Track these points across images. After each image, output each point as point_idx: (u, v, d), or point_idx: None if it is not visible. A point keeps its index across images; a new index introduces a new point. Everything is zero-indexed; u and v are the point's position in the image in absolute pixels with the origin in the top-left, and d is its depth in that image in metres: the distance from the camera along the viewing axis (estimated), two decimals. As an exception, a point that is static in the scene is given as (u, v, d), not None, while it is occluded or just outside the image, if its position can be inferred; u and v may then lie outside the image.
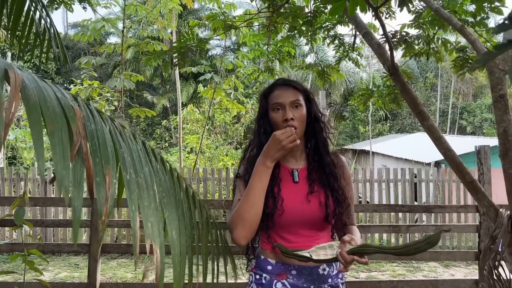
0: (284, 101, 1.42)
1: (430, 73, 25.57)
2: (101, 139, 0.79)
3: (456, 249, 6.60)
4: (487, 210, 1.85)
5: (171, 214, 0.93)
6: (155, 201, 0.87)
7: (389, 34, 3.40)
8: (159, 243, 0.81)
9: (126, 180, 0.80)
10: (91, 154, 0.74)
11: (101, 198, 0.71)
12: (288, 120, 1.39)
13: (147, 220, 0.81)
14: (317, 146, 1.48)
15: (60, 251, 3.26)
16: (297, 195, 1.41)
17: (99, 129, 0.81)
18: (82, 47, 23.05)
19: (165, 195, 0.94)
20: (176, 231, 0.92)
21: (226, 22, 3.77)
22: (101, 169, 0.73)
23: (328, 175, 1.44)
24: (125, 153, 0.85)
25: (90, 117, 0.83)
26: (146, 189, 0.85)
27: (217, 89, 6.79)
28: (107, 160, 0.76)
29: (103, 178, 0.73)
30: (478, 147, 3.20)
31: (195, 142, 9.61)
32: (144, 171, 0.89)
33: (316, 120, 1.49)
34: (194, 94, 19.35)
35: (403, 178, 6.87)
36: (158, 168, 0.98)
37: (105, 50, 6.51)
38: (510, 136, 1.78)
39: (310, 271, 1.39)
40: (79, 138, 0.73)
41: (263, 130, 1.47)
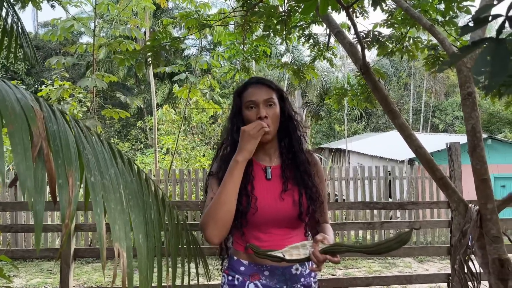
0: (257, 99, 1.42)
1: (404, 73, 26.11)
2: (64, 140, 0.76)
3: (429, 244, 6.75)
4: (457, 206, 1.89)
5: (137, 217, 0.91)
6: (121, 204, 0.84)
7: (362, 33, 3.45)
8: (125, 247, 0.79)
9: (90, 182, 0.77)
10: (53, 155, 0.71)
11: (64, 201, 0.68)
12: (262, 118, 1.40)
13: (114, 222, 0.79)
14: (291, 144, 1.48)
15: (31, 256, 3.16)
16: (270, 193, 1.40)
17: (61, 130, 0.78)
18: (53, 47, 22.50)
19: (131, 197, 0.92)
20: (143, 235, 0.90)
21: (200, 21, 3.73)
22: (64, 171, 0.71)
23: (302, 173, 1.45)
24: (89, 155, 0.83)
25: (52, 118, 0.80)
26: (113, 191, 0.83)
27: (192, 89, 6.73)
28: (70, 162, 0.73)
29: (65, 180, 0.70)
30: (449, 144, 3.27)
31: (171, 143, 9.50)
32: (110, 173, 0.87)
33: (289, 119, 1.50)
34: (169, 94, 19.15)
35: (377, 175, 6.98)
36: (125, 169, 0.95)
37: (76, 50, 6.35)
38: (478, 133, 1.82)
39: (283, 271, 1.38)
40: (39, 139, 0.70)
41: (236, 128, 1.46)
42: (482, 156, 1.80)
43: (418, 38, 3.50)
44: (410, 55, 3.61)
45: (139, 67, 3.95)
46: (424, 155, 1.93)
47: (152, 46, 3.50)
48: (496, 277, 1.73)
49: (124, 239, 0.79)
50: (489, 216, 1.76)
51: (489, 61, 0.66)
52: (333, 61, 4.46)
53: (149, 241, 0.92)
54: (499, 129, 20.81)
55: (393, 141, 13.59)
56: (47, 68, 19.63)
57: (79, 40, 22.40)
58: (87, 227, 3.35)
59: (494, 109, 21.23)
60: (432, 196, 6.92)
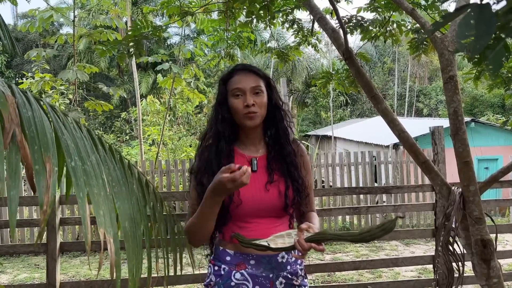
0: (244, 86, 1.38)
1: (388, 58, 26.23)
2: (40, 127, 0.74)
3: (415, 227, 6.86)
4: (440, 189, 1.91)
5: (122, 204, 0.88)
6: (105, 190, 0.82)
7: (345, 18, 3.43)
8: (112, 234, 0.77)
9: (71, 167, 0.75)
10: (28, 142, 0.69)
11: (41, 187, 0.66)
12: (249, 106, 1.36)
13: (99, 208, 0.77)
14: (278, 134, 1.45)
15: (16, 252, 3.11)
16: (255, 184, 1.38)
17: (37, 116, 0.76)
18: (33, 39, 21.97)
19: (115, 184, 0.89)
20: (129, 222, 0.88)
21: (182, 8, 3.67)
22: (41, 156, 0.69)
23: (289, 164, 1.43)
24: (68, 140, 0.80)
25: (26, 104, 0.77)
26: (95, 177, 0.80)
27: (176, 78, 6.65)
28: (46, 148, 0.71)
29: (42, 166, 0.68)
30: (432, 128, 3.30)
31: (157, 134, 9.42)
32: (91, 159, 0.84)
33: (276, 108, 1.46)
34: (154, 84, 18.94)
35: (363, 161, 7.04)
36: (106, 156, 0.93)
37: (56, 41, 6.20)
38: (460, 116, 1.84)
39: (269, 259, 1.38)
40: (12, 125, 0.68)
41: (221, 117, 1.41)
42: (464, 139, 1.81)
43: (402, 22, 3.50)
44: (394, 39, 3.62)
45: (121, 57, 3.87)
46: (407, 139, 1.94)
47: (134, 36, 3.43)
48: (479, 258, 1.76)
49: (110, 225, 0.77)
50: (472, 198, 1.78)
51: (473, 24, 0.66)
52: (317, 46, 4.45)
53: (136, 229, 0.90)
54: (481, 112, 21.13)
55: (378, 127, 13.70)
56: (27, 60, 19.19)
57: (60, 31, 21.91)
58: (73, 221, 3.31)
59: (477, 92, 21.53)
60: (417, 180, 7.01)
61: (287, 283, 1.39)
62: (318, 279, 4.78)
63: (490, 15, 0.67)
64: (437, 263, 2.86)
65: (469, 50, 0.66)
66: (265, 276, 1.37)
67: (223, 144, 1.41)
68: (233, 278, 1.36)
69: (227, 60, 4.79)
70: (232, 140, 1.44)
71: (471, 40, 0.65)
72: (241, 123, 1.41)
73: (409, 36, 3.56)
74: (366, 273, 4.94)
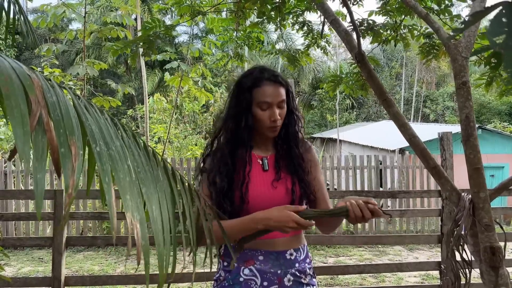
0: (273, 101, 1.38)
1: (396, 63, 26.15)
2: (64, 111, 0.73)
3: (420, 232, 6.83)
4: (450, 195, 1.91)
5: (148, 189, 0.86)
6: (130, 175, 0.81)
7: (357, 21, 3.43)
8: (139, 218, 0.76)
9: (96, 152, 0.73)
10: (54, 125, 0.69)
11: (67, 169, 0.66)
12: (276, 121, 1.38)
13: (125, 193, 0.74)
14: (288, 137, 1.47)
15: (22, 245, 3.13)
16: (264, 182, 1.40)
17: (61, 101, 0.75)
18: (42, 34, 22.09)
19: (140, 170, 0.88)
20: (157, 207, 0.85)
21: (193, 8, 3.68)
22: (66, 140, 0.68)
23: (297, 166, 1.44)
24: (92, 126, 0.80)
25: (50, 90, 0.77)
26: (120, 162, 0.79)
27: (184, 77, 6.66)
28: (71, 131, 0.70)
29: (68, 149, 0.68)
30: (441, 133, 3.29)
31: (163, 132, 9.45)
32: (116, 145, 0.82)
33: (291, 113, 1.47)
34: (160, 82, 18.98)
35: (369, 165, 7.02)
36: (131, 143, 0.92)
37: (65, 36, 6.23)
38: (472, 122, 1.83)
39: (277, 256, 1.39)
40: (38, 107, 0.68)
41: (244, 125, 1.40)
42: (475, 145, 1.81)
43: (414, 26, 3.49)
44: (404, 43, 3.61)
45: (133, 57, 3.88)
46: (418, 144, 1.94)
47: (147, 35, 3.44)
48: (487, 265, 1.75)
49: (136, 210, 0.76)
50: (482, 205, 1.77)
51: (505, 22, 0.66)
52: (326, 49, 4.45)
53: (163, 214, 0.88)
54: (489, 119, 21.00)
55: (384, 131, 13.67)
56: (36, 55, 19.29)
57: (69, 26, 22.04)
58: (79, 216, 3.33)
59: (484, 99, 21.41)
60: (422, 185, 6.98)
61: (295, 280, 1.39)
62: (321, 282, 4.77)
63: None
64: (445, 269, 2.85)
65: (501, 47, 0.66)
66: (273, 272, 1.37)
67: (243, 149, 1.42)
68: (242, 274, 1.37)
69: (235, 60, 4.80)
70: (250, 147, 1.45)
71: (503, 38, 0.65)
72: (263, 133, 1.43)
73: (419, 40, 3.55)
74: (369, 277, 4.93)
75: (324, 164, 7.07)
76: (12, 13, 2.07)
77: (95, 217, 3.70)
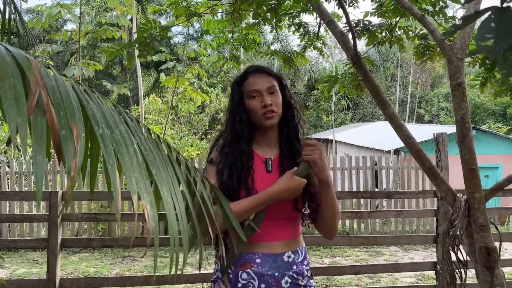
0: (260, 87, 1.41)
1: (391, 64, 26.24)
2: (64, 94, 0.70)
3: (415, 233, 6.86)
4: (445, 195, 1.91)
5: (158, 172, 0.83)
6: (137, 158, 0.77)
7: (353, 22, 3.44)
8: (148, 200, 0.72)
9: (99, 134, 0.71)
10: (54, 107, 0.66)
11: (69, 152, 0.63)
12: (267, 106, 1.39)
13: (131, 176, 0.72)
14: (289, 132, 1.48)
15: (17, 247, 3.11)
16: (269, 184, 1.40)
17: (61, 85, 0.72)
18: (37, 34, 21.96)
19: (148, 153, 0.84)
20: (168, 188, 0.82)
21: (189, 9, 3.67)
22: (67, 122, 0.66)
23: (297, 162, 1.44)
24: (94, 109, 0.76)
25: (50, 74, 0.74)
26: (125, 146, 0.76)
27: (180, 78, 6.65)
28: (72, 114, 0.68)
29: (69, 131, 0.65)
30: (436, 134, 3.31)
31: (158, 133, 9.42)
32: (120, 129, 0.80)
33: (289, 106, 1.49)
34: (155, 83, 18.93)
35: (364, 165, 7.04)
36: (137, 128, 0.90)
37: (60, 37, 6.21)
38: (467, 123, 1.84)
39: (275, 258, 1.39)
40: (37, 88, 0.65)
41: (238, 119, 1.43)
42: (470, 146, 1.82)
43: (409, 27, 3.50)
44: (400, 44, 3.62)
45: (130, 59, 3.87)
46: (413, 145, 1.94)
47: (144, 38, 3.43)
48: (482, 265, 1.76)
49: (145, 191, 0.72)
50: (477, 205, 1.78)
51: (493, 27, 0.67)
52: (323, 50, 4.45)
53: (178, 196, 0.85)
54: (483, 120, 21.12)
55: (379, 132, 13.71)
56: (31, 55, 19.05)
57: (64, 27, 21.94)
58: (74, 217, 3.31)
59: (478, 100, 21.53)
60: (417, 186, 7.01)
61: (292, 282, 1.39)
62: (317, 283, 4.78)
63: (510, 19, 0.67)
64: (440, 270, 2.86)
65: (488, 52, 0.66)
66: (270, 274, 1.37)
67: (243, 144, 1.43)
68: (240, 279, 1.37)
69: (231, 62, 4.79)
70: (250, 141, 1.46)
71: (491, 43, 0.66)
72: (260, 124, 1.44)
73: (414, 42, 3.57)
74: (365, 277, 4.94)
75: (320, 165, 7.08)
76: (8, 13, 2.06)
77: (90, 218, 3.69)
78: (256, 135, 1.48)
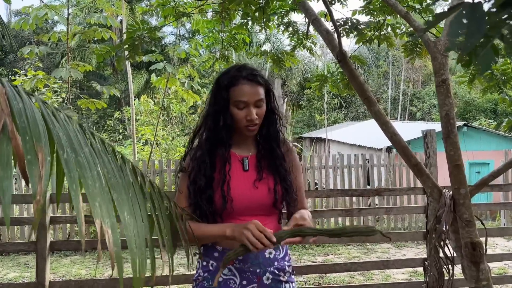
0: (249, 100, 1.36)
1: (384, 62, 26.36)
2: (31, 118, 0.72)
3: (407, 230, 6.89)
4: (431, 192, 1.93)
5: (120, 195, 0.85)
6: (100, 181, 0.80)
7: (340, 21, 3.45)
8: (110, 224, 0.75)
9: (63, 159, 0.73)
10: (19, 132, 0.68)
11: (34, 176, 0.65)
12: (253, 121, 1.37)
13: (94, 200, 0.74)
14: (269, 136, 1.46)
15: (5, 250, 3.08)
16: (245, 183, 1.40)
17: (28, 108, 0.74)
18: (27, 36, 21.79)
19: (111, 176, 0.87)
20: (129, 212, 0.85)
21: (177, 9, 3.66)
22: (32, 146, 0.67)
23: (278, 166, 1.44)
24: (60, 132, 0.79)
25: (17, 97, 0.76)
26: (89, 168, 0.79)
27: (170, 78, 6.63)
28: (38, 138, 0.69)
29: (35, 156, 0.67)
30: (424, 131, 3.32)
31: (150, 134, 9.39)
32: (84, 151, 0.82)
33: (271, 112, 1.47)
34: (147, 84, 18.85)
35: (356, 163, 7.06)
36: (100, 149, 0.92)
37: (49, 38, 6.16)
38: (452, 119, 1.85)
39: (256, 255, 1.39)
40: (2, 115, 0.67)
41: (222, 124, 1.39)
42: (455, 142, 1.83)
43: (397, 25, 3.52)
44: (388, 42, 3.64)
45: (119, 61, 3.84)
46: (399, 142, 1.95)
47: (132, 39, 3.41)
48: (468, 260, 1.77)
49: (107, 216, 0.75)
50: (462, 200, 1.79)
51: (465, 23, 0.67)
52: (313, 49, 4.46)
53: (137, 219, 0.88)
54: (474, 117, 21.29)
55: (371, 130, 13.75)
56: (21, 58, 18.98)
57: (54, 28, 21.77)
58: (64, 220, 3.29)
59: (470, 97, 21.69)
60: (409, 183, 7.04)
61: (274, 278, 1.40)
62: (310, 281, 4.79)
63: (481, 14, 0.68)
64: (427, 266, 2.88)
65: (459, 48, 0.67)
66: (252, 271, 1.38)
67: (222, 148, 1.41)
68: (221, 273, 1.37)
69: (222, 62, 4.78)
70: (229, 146, 1.44)
71: (462, 39, 0.66)
72: (240, 132, 1.43)
73: (403, 39, 3.59)
74: (357, 275, 4.96)
75: (312, 163, 7.10)
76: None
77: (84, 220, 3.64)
78: (235, 136, 1.46)
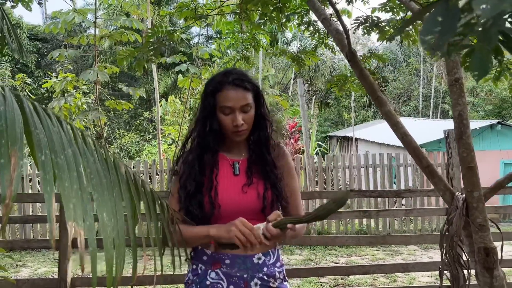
0: (234, 105, 1.36)
1: (414, 59, 25.70)
2: (10, 120, 0.75)
3: (434, 231, 6.71)
4: (443, 194, 1.87)
5: (101, 195, 0.88)
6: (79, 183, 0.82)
7: (361, 19, 3.39)
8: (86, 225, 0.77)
9: (40, 161, 0.75)
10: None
11: (5, 180, 0.67)
12: (238, 126, 1.36)
13: (69, 201, 0.76)
14: (260, 141, 1.45)
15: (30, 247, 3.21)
16: (235, 187, 1.39)
17: (9, 110, 0.77)
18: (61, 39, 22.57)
19: (94, 176, 0.90)
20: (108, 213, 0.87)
21: (197, 11, 3.70)
22: (7, 150, 0.70)
23: (269, 171, 1.43)
24: (40, 134, 0.81)
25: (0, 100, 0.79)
26: (68, 170, 0.81)
27: (194, 79, 6.72)
28: (14, 142, 0.72)
29: (8, 159, 0.69)
30: (446, 131, 3.23)
31: (176, 133, 9.54)
32: (67, 152, 0.84)
33: (261, 117, 1.45)
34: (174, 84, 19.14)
35: (381, 163, 6.93)
36: (87, 150, 0.94)
37: (78, 41, 6.36)
38: (465, 120, 1.79)
39: (244, 260, 1.38)
40: None
41: (208, 129, 1.40)
42: (468, 143, 1.77)
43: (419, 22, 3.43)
44: (411, 39, 3.56)
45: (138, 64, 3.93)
46: (410, 142, 1.91)
47: (152, 43, 3.48)
48: (481, 266, 1.71)
49: (81, 217, 0.77)
50: (476, 204, 1.73)
51: (440, 21, 0.65)
52: (334, 48, 4.40)
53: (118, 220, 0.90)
54: (510, 114, 20.46)
55: (401, 128, 13.43)
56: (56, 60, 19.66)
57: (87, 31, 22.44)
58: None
59: (506, 94, 20.84)
60: (437, 183, 6.85)
61: (263, 284, 1.38)
62: (331, 282, 4.74)
63: (456, 13, 0.65)
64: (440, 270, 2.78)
65: (432, 47, 0.64)
66: (239, 276, 1.37)
67: (209, 154, 1.41)
68: (209, 277, 1.38)
69: (242, 62, 4.80)
70: (216, 151, 1.44)
71: (435, 36, 0.64)
72: (229, 137, 1.42)
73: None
74: (380, 277, 4.87)
75: (336, 163, 7.02)
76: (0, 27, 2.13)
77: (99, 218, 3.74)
78: (225, 140, 1.46)
